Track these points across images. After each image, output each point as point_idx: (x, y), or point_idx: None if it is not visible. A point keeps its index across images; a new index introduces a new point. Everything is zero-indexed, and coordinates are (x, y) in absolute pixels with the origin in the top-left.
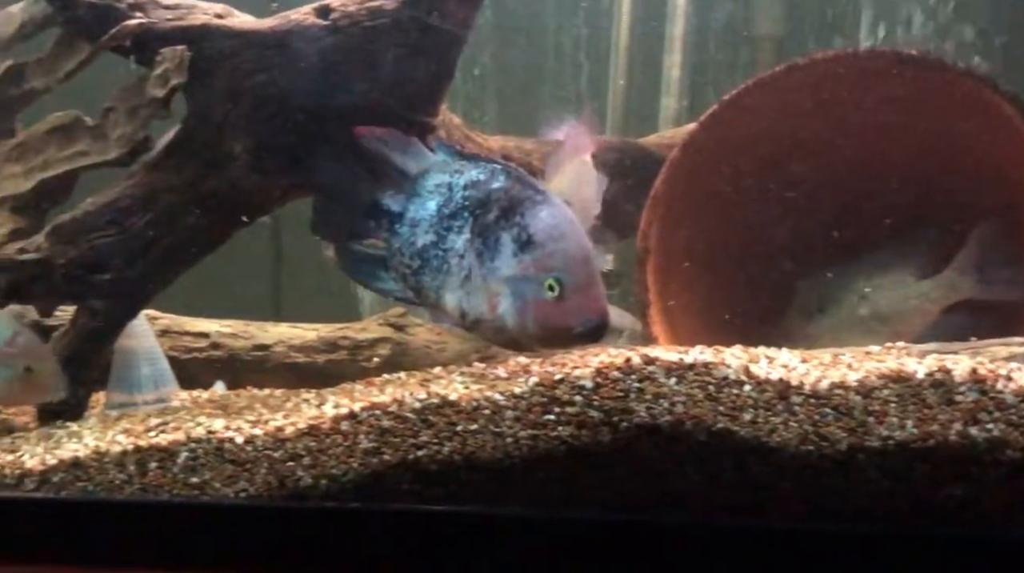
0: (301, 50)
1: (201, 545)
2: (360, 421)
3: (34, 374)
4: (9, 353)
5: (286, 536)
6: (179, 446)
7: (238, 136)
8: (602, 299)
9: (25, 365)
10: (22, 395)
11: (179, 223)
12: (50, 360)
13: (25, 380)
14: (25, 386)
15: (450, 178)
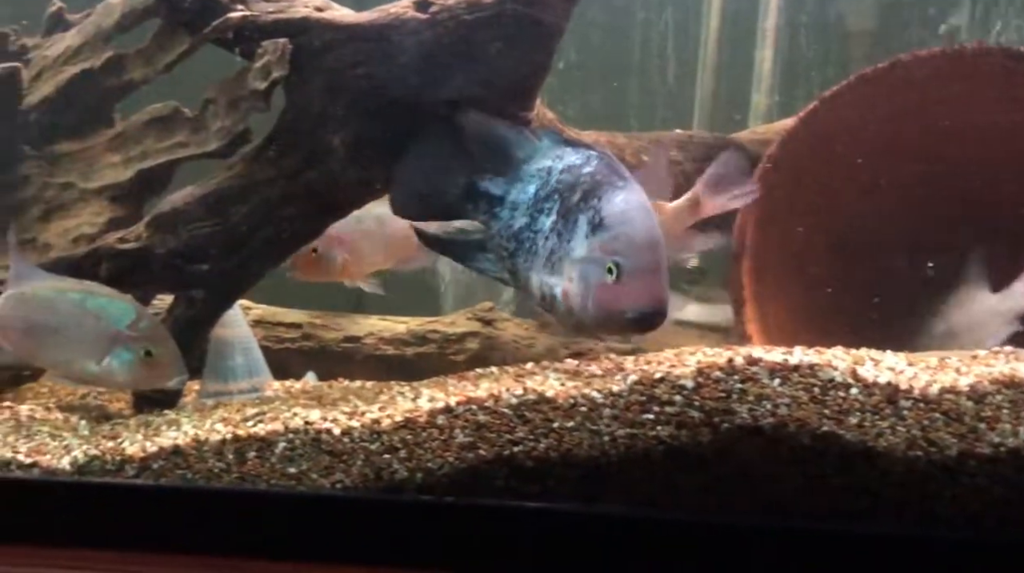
0: (400, 43)
1: (298, 536)
2: (456, 415)
3: (154, 358)
4: (130, 337)
5: (382, 529)
6: (277, 436)
7: (336, 129)
8: (659, 288)
9: (145, 349)
10: (143, 379)
11: (276, 215)
12: (170, 344)
13: (146, 364)
14: (145, 370)
15: (551, 163)
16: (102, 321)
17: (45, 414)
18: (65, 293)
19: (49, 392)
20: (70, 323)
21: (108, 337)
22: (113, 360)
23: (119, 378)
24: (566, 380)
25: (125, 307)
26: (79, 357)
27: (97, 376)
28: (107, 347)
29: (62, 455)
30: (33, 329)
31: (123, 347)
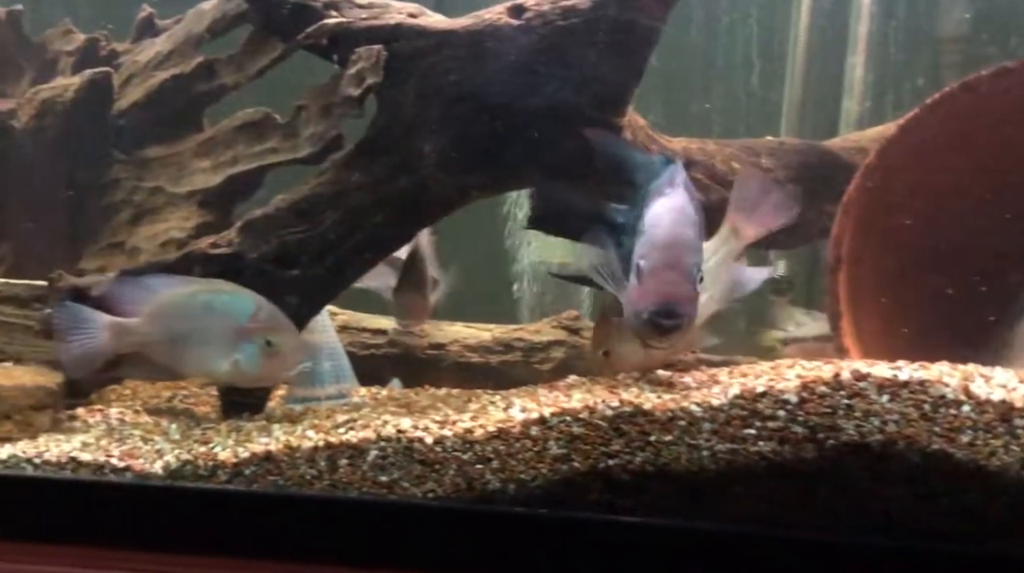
0: (494, 50)
1: (389, 545)
2: (550, 426)
3: (275, 349)
4: (251, 329)
5: (474, 540)
6: (369, 444)
7: (428, 136)
8: (672, 287)
9: (266, 339)
10: (269, 371)
11: (367, 221)
12: (291, 332)
13: (269, 355)
14: (269, 361)
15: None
16: (227, 318)
17: (135, 418)
18: (195, 296)
19: (132, 394)
20: (203, 326)
21: (233, 333)
22: (239, 355)
23: (249, 372)
24: (662, 392)
25: (246, 301)
26: (213, 358)
27: (231, 374)
28: (233, 343)
29: (155, 459)
30: (174, 338)
31: (246, 341)
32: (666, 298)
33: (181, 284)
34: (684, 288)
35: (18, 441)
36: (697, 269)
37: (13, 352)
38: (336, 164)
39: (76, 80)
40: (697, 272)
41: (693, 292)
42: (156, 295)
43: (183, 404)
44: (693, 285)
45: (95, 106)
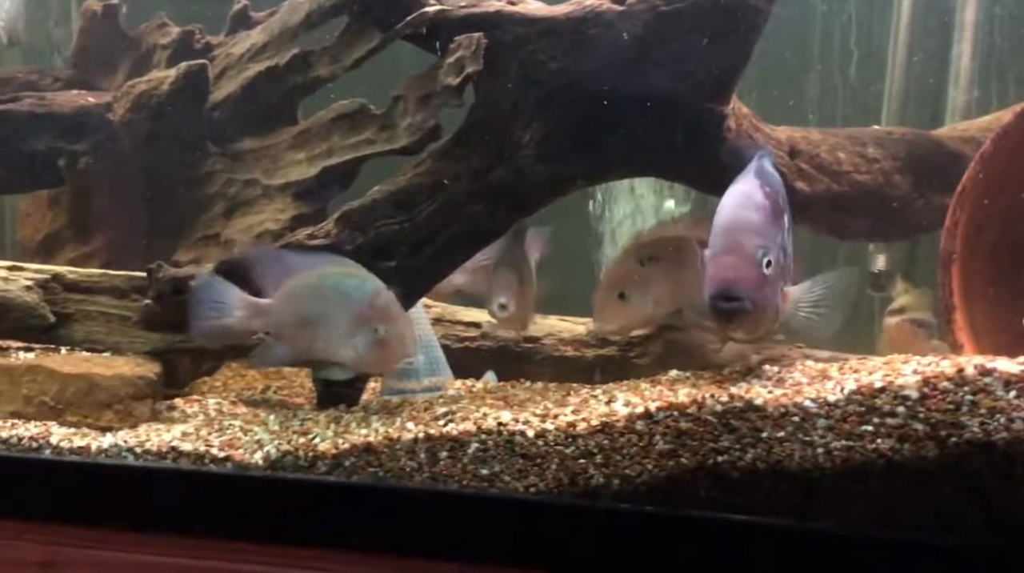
0: (595, 37)
1: (490, 539)
2: (656, 421)
3: (383, 337)
4: (366, 314)
5: (578, 535)
6: (469, 436)
7: (527, 125)
8: (732, 271)
9: (375, 328)
10: (371, 360)
11: (464, 212)
12: (401, 322)
13: (375, 344)
14: (375, 350)
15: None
16: (348, 303)
17: (232, 408)
18: (325, 279)
19: (223, 386)
20: (329, 310)
21: (353, 318)
22: (358, 341)
23: (365, 360)
24: (772, 387)
25: (368, 286)
26: (337, 342)
27: (352, 359)
28: (353, 328)
29: (254, 449)
30: (304, 321)
31: (364, 326)
32: (723, 282)
33: (318, 263)
34: (745, 271)
35: (119, 430)
36: (764, 252)
37: (112, 343)
38: (433, 154)
39: (171, 73)
40: (764, 255)
41: (756, 275)
42: (290, 276)
43: (277, 395)
44: (756, 268)
45: (190, 99)
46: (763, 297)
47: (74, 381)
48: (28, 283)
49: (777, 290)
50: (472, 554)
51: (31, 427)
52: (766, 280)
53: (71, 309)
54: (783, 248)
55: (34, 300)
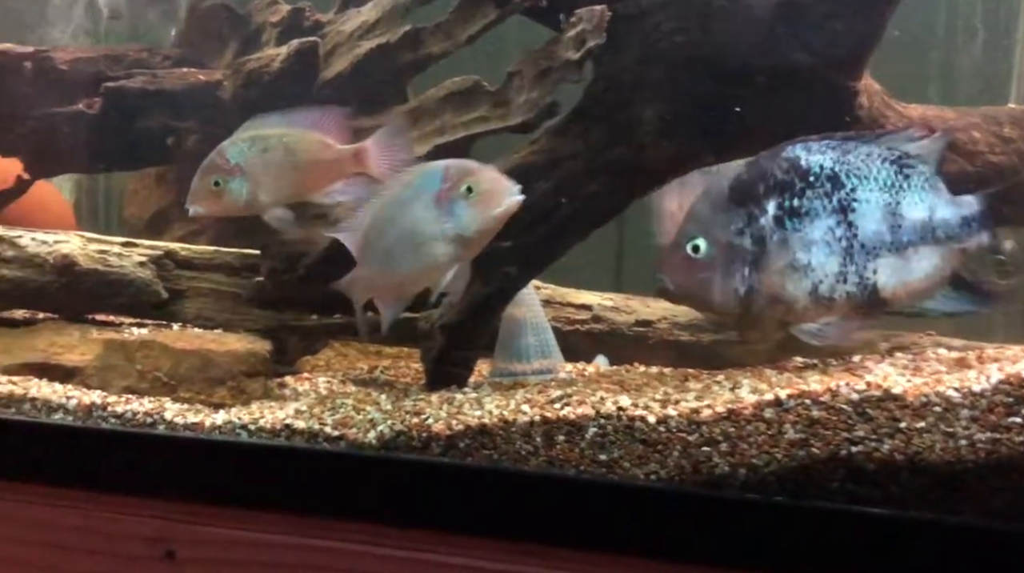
0: (725, 9)
1: (609, 526)
2: (787, 409)
3: (477, 193)
4: (446, 188)
5: (702, 525)
6: (587, 421)
7: (649, 101)
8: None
9: (465, 187)
10: (480, 221)
11: (581, 191)
12: (484, 171)
13: (474, 204)
14: (477, 210)
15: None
16: (422, 197)
17: (342, 387)
18: (389, 203)
19: (326, 365)
20: (409, 223)
21: (435, 207)
22: (449, 224)
23: (468, 233)
24: (911, 375)
25: (433, 169)
26: (433, 247)
27: (456, 247)
28: (440, 218)
29: (367, 429)
30: (392, 258)
31: (448, 204)
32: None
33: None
34: (670, 254)
35: (231, 407)
36: (693, 238)
37: (223, 320)
38: (549, 132)
39: (282, 51)
40: (691, 241)
41: (679, 260)
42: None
43: (384, 376)
44: (679, 252)
45: (301, 77)
46: (683, 282)
47: (188, 357)
48: (142, 259)
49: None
50: (590, 541)
51: (145, 402)
52: (693, 265)
53: (183, 286)
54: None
55: (148, 276)
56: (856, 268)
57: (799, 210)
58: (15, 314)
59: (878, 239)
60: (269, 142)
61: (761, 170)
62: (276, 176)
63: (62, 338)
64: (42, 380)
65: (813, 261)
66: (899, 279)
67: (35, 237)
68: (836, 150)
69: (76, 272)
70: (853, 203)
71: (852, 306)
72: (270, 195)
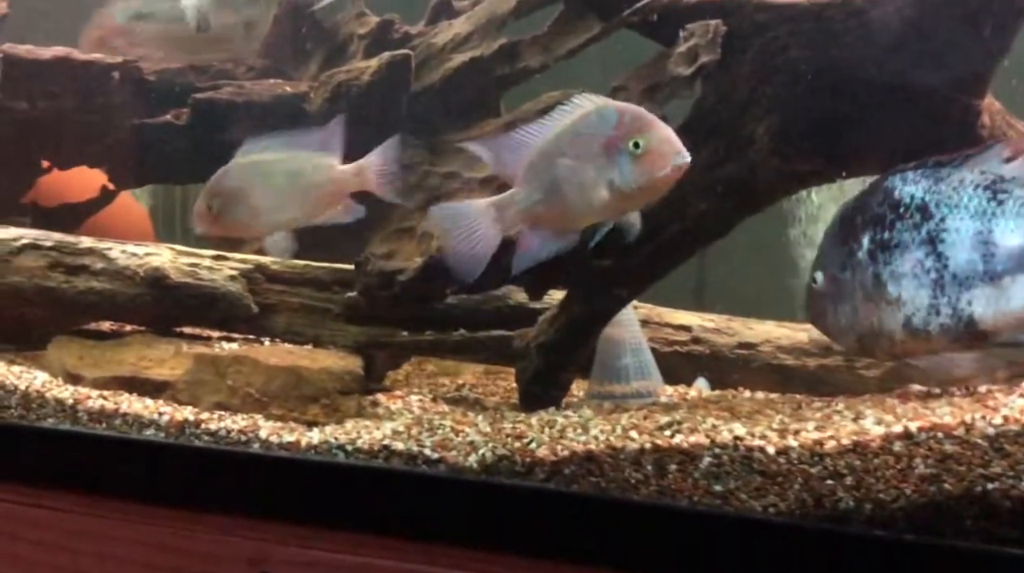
0: (842, 24)
1: (724, 560)
2: (917, 443)
3: (643, 149)
4: (617, 136)
5: (825, 561)
6: (702, 450)
7: (762, 117)
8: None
9: (633, 142)
10: (641, 180)
11: (690, 209)
12: (658, 127)
13: (637, 161)
14: (639, 167)
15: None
16: (593, 137)
17: (434, 406)
18: (561, 132)
19: (404, 380)
20: (575, 157)
21: (603, 151)
22: (613, 174)
23: (628, 189)
24: None
25: (608, 111)
26: (592, 188)
27: (614, 200)
28: (607, 164)
29: (468, 452)
30: (553, 186)
31: (617, 153)
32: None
33: (552, 123)
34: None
35: (325, 426)
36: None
37: (312, 335)
38: None
39: (373, 63)
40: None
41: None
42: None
43: (473, 394)
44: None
45: (392, 89)
46: (810, 311)
47: (280, 374)
48: (232, 273)
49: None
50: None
51: (239, 420)
52: (815, 297)
53: (273, 300)
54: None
55: (239, 290)
56: (948, 300)
57: (889, 243)
58: (102, 326)
59: (970, 269)
60: (272, 167)
61: (862, 202)
62: (278, 201)
63: (152, 352)
64: (132, 394)
65: (903, 294)
66: (997, 309)
67: (125, 249)
68: (928, 179)
69: (166, 285)
70: (942, 234)
71: (951, 338)
72: (272, 220)
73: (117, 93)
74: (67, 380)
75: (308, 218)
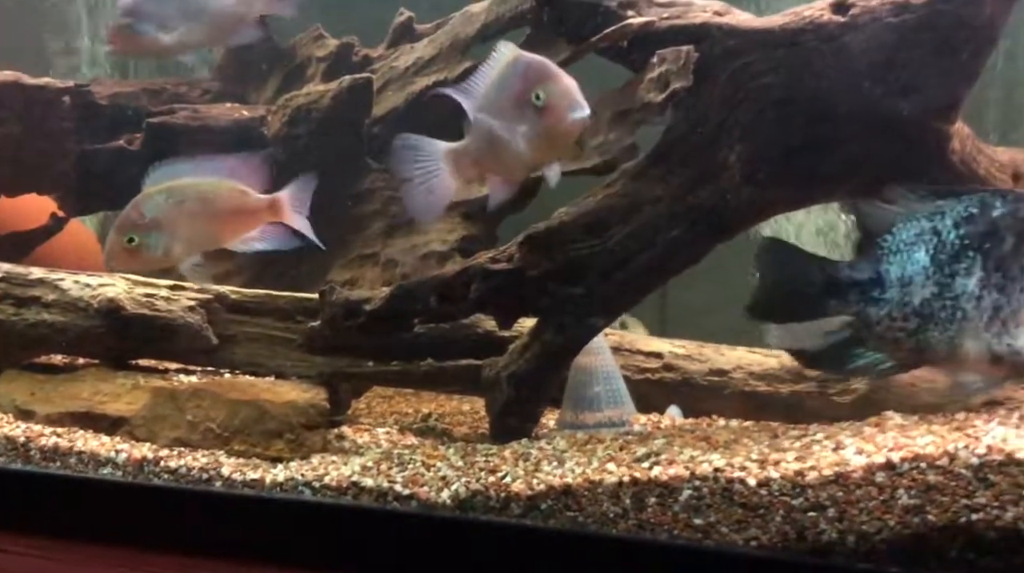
0: (814, 50)
1: None
2: (900, 473)
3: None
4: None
5: None
6: (681, 482)
7: (734, 144)
8: None
9: (535, 94)
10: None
11: (661, 236)
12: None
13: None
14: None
15: (931, 223)
16: (512, 87)
17: (401, 438)
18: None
19: (367, 409)
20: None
21: (517, 101)
22: (522, 125)
23: (533, 140)
24: None
25: (521, 63)
26: (522, 136)
27: (529, 149)
28: (518, 114)
29: (440, 487)
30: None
31: (522, 106)
32: None
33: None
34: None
35: (290, 461)
36: None
37: (275, 366)
38: (626, 175)
39: (333, 86)
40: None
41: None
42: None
43: (441, 424)
44: None
45: (352, 113)
46: None
47: (243, 408)
48: (191, 303)
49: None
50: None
51: (200, 457)
52: None
53: (233, 330)
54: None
55: (197, 321)
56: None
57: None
58: (54, 360)
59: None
60: (185, 193)
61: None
62: (193, 227)
63: (107, 386)
64: (87, 431)
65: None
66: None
67: (78, 280)
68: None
69: (122, 317)
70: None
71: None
72: (187, 246)
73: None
74: (18, 417)
75: (221, 244)
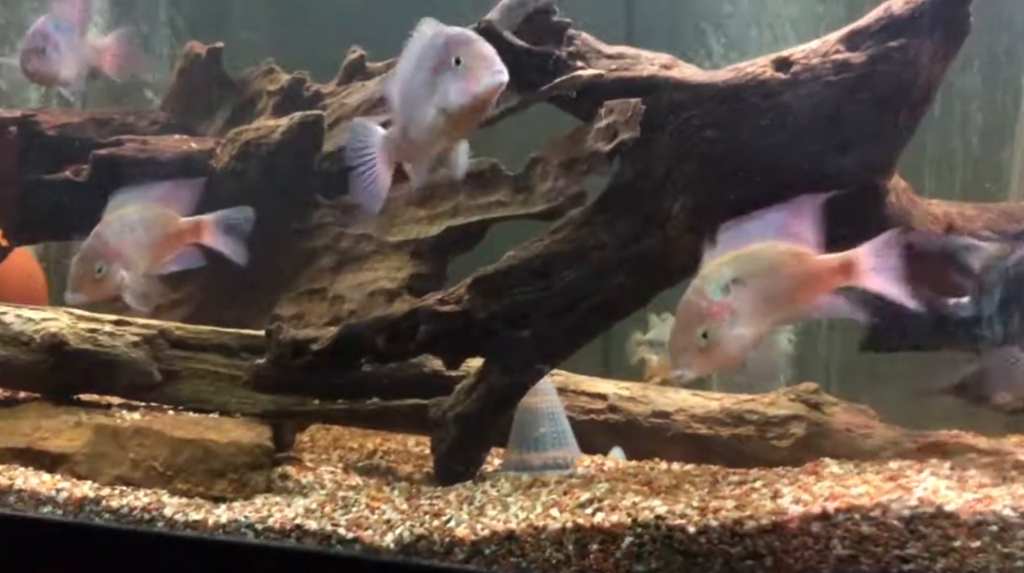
0: (756, 105)
1: None
2: (834, 524)
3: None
4: (440, 59)
5: None
6: (623, 529)
7: (678, 194)
8: None
9: (455, 58)
10: (461, 97)
11: (607, 282)
12: (476, 44)
13: (459, 77)
14: (461, 84)
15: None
16: (431, 59)
17: (346, 478)
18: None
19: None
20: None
21: (433, 75)
22: (438, 97)
23: (449, 108)
24: (958, 488)
25: (441, 36)
26: (427, 110)
27: (445, 122)
28: (435, 85)
29: (385, 531)
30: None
31: (440, 74)
32: None
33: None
34: None
35: (233, 502)
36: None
37: (219, 403)
38: (574, 221)
39: (283, 122)
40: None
41: None
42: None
43: (385, 462)
44: None
45: (303, 149)
46: None
47: (186, 446)
48: (135, 339)
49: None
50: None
51: (142, 496)
52: None
53: (178, 366)
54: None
55: (141, 357)
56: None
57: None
58: None
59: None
60: (133, 220)
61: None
62: (139, 253)
63: (48, 422)
64: (27, 468)
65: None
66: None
67: (20, 314)
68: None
69: (65, 352)
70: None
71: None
72: (135, 272)
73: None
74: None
75: (156, 267)
